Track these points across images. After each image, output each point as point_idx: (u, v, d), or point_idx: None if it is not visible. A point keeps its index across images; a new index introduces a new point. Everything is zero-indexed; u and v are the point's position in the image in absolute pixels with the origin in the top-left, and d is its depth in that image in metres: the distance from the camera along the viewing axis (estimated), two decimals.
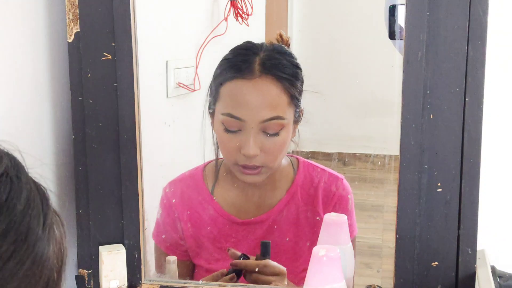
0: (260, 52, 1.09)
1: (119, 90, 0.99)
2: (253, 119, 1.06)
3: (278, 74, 1.07)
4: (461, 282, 0.93)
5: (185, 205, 1.16)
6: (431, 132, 0.91)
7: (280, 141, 1.09)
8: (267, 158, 1.09)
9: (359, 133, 1.40)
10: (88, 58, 0.99)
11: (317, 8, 1.42)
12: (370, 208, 1.21)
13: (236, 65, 1.09)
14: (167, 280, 1.06)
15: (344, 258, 0.91)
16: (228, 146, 1.10)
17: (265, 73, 1.07)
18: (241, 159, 1.08)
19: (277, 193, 1.15)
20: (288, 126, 1.09)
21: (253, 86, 1.07)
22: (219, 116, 1.10)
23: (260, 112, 1.06)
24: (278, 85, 1.07)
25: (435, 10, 0.88)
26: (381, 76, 1.28)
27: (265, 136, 1.07)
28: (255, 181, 1.11)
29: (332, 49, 1.39)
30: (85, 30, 0.99)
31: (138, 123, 1.00)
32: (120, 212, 1.02)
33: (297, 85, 1.10)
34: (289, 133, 1.10)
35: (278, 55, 1.10)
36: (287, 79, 1.08)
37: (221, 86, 1.10)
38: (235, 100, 1.09)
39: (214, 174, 1.18)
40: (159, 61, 1.24)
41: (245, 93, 1.08)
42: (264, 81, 1.07)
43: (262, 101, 1.08)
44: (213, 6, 1.30)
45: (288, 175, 1.16)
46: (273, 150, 1.09)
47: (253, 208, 1.16)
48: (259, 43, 1.12)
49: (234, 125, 1.08)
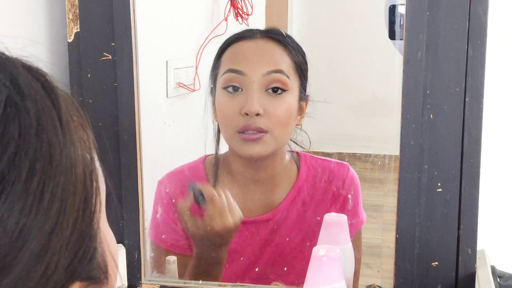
0: (259, 29, 1.11)
1: (119, 90, 0.99)
2: (254, 72, 1.03)
3: (279, 38, 1.07)
4: (461, 282, 0.93)
5: (182, 194, 1.12)
6: (431, 132, 0.91)
7: (284, 104, 1.04)
8: (271, 122, 1.03)
9: (359, 133, 1.40)
10: (88, 58, 0.99)
11: (317, 8, 1.42)
12: (370, 208, 1.20)
13: (237, 34, 1.09)
14: (167, 280, 1.06)
15: (344, 258, 0.90)
16: (229, 111, 1.05)
17: (267, 35, 1.08)
18: (241, 121, 1.03)
19: (281, 190, 1.11)
20: (293, 93, 1.06)
21: (255, 44, 1.07)
22: (219, 82, 1.07)
23: (263, 65, 1.04)
24: (280, 46, 1.06)
25: (435, 10, 0.88)
26: (381, 76, 1.28)
27: (268, 96, 1.04)
28: (258, 153, 1.05)
29: (332, 49, 1.39)
30: (85, 30, 0.99)
31: (138, 123, 1.00)
32: (120, 212, 1.02)
33: (300, 57, 1.08)
34: (294, 103, 1.06)
35: (275, 28, 1.11)
36: (289, 45, 1.07)
37: (223, 54, 1.09)
38: (236, 57, 1.07)
39: (214, 171, 1.14)
40: (159, 61, 1.24)
41: (246, 50, 1.07)
42: (265, 41, 1.07)
43: (264, 55, 1.07)
44: (213, 6, 1.30)
45: (291, 170, 1.13)
46: (277, 114, 1.04)
47: (256, 207, 1.12)
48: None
49: (235, 81, 1.04)
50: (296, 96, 1.07)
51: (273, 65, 1.04)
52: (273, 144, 1.05)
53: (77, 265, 0.39)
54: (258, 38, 1.07)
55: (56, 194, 0.37)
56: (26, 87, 0.39)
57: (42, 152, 0.37)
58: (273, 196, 1.12)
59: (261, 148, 1.04)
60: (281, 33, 1.09)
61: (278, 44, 1.07)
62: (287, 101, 1.05)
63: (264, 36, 1.08)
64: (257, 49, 1.07)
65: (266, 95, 1.04)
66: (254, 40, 1.07)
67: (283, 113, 1.05)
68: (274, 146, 1.06)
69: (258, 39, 1.07)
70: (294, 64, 1.06)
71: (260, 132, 1.03)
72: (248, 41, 1.08)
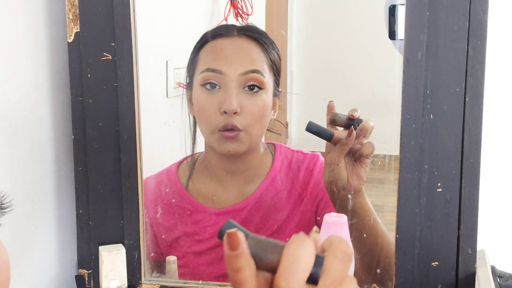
0: (235, 25, 1.13)
1: (119, 90, 0.99)
2: (232, 72, 1.06)
3: (255, 36, 1.10)
4: (461, 282, 0.93)
5: (156, 202, 1.14)
6: (431, 132, 0.91)
7: (260, 102, 1.07)
8: (247, 120, 1.06)
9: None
10: (88, 58, 0.99)
11: (317, 8, 1.42)
12: None
13: (214, 30, 1.12)
14: (167, 280, 1.06)
15: None
16: (207, 108, 1.08)
17: (244, 33, 1.10)
18: (221, 120, 1.06)
19: (256, 180, 1.14)
20: (268, 91, 1.09)
21: (233, 42, 1.09)
22: (197, 79, 1.09)
23: (240, 64, 1.07)
24: (256, 44, 1.09)
25: (435, 10, 0.89)
26: (381, 76, 1.28)
27: (245, 94, 1.06)
28: (235, 149, 1.08)
29: (332, 49, 1.39)
30: (85, 30, 0.99)
31: (138, 123, 1.01)
32: (120, 212, 1.02)
33: (274, 54, 1.11)
34: (269, 100, 1.09)
35: (251, 25, 1.14)
36: (265, 43, 1.10)
37: (200, 50, 1.11)
38: (215, 55, 1.09)
39: (190, 167, 1.17)
40: (159, 61, 1.24)
41: (224, 48, 1.09)
42: (242, 39, 1.10)
43: (241, 54, 1.09)
44: (213, 6, 1.30)
45: (266, 161, 1.16)
46: (253, 112, 1.07)
47: (231, 198, 1.14)
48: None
49: (213, 79, 1.07)
50: (270, 93, 1.10)
51: (251, 65, 1.07)
52: (248, 141, 1.08)
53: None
54: (235, 36, 1.09)
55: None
56: None
57: None
58: (247, 187, 1.14)
59: (237, 145, 1.08)
60: (257, 31, 1.12)
61: (254, 42, 1.09)
62: (262, 98, 1.08)
63: (241, 34, 1.10)
64: (235, 47, 1.09)
65: (243, 93, 1.07)
66: (232, 38, 1.09)
67: (259, 110, 1.08)
68: (249, 142, 1.09)
69: (236, 37, 1.09)
70: (270, 62, 1.10)
71: (236, 130, 1.06)
72: (225, 39, 1.10)
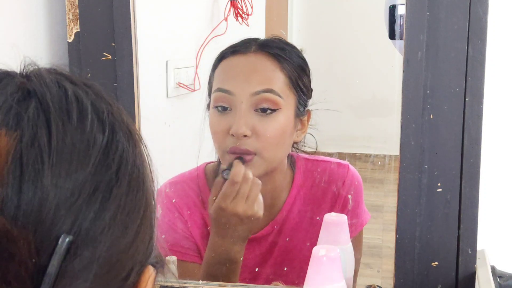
0: (258, 39, 1.05)
1: (119, 90, 0.99)
2: (242, 92, 0.98)
3: (275, 52, 1.01)
4: (461, 282, 0.93)
5: (187, 206, 1.09)
6: (431, 132, 0.91)
7: (276, 124, 0.99)
8: (260, 143, 0.98)
9: (359, 133, 1.40)
10: (88, 58, 0.99)
11: (317, 8, 1.42)
12: (370, 208, 1.20)
13: (233, 46, 1.05)
14: (167, 280, 1.06)
15: (344, 258, 0.91)
16: (218, 130, 1.01)
17: (262, 49, 1.02)
18: (230, 142, 0.98)
19: (279, 201, 1.07)
20: (287, 111, 1.00)
21: (246, 60, 1.02)
22: (212, 100, 1.03)
23: (250, 84, 0.99)
24: (273, 61, 1.00)
25: (435, 10, 0.88)
26: (381, 76, 1.28)
27: (258, 116, 0.99)
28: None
29: (332, 49, 1.39)
30: (85, 30, 0.99)
31: (138, 123, 1.01)
32: None
33: (297, 72, 1.02)
34: (287, 121, 1.00)
35: (276, 39, 1.06)
36: (285, 59, 1.01)
37: (216, 68, 1.05)
38: (226, 74, 1.03)
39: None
40: (159, 61, 1.24)
41: (236, 67, 1.02)
42: (258, 56, 1.02)
43: (253, 73, 1.01)
44: (213, 6, 1.30)
45: (287, 178, 1.08)
46: (267, 135, 0.98)
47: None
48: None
49: (223, 101, 1.00)
50: (290, 114, 1.02)
51: (263, 84, 0.99)
52: (263, 165, 1.00)
53: (151, 249, 0.46)
54: (252, 52, 1.02)
55: (148, 197, 0.45)
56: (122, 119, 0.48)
57: (137, 165, 0.46)
58: (271, 207, 1.07)
59: (251, 170, 0.98)
60: (279, 46, 1.04)
61: (272, 59, 1.01)
62: (278, 120, 0.99)
63: (258, 50, 1.02)
64: (247, 65, 1.02)
65: (256, 115, 0.99)
66: (247, 56, 1.02)
67: (274, 133, 0.99)
68: (265, 167, 1.01)
69: (251, 54, 1.02)
70: (289, 80, 1.01)
71: (248, 154, 0.98)
72: (240, 56, 1.03)
